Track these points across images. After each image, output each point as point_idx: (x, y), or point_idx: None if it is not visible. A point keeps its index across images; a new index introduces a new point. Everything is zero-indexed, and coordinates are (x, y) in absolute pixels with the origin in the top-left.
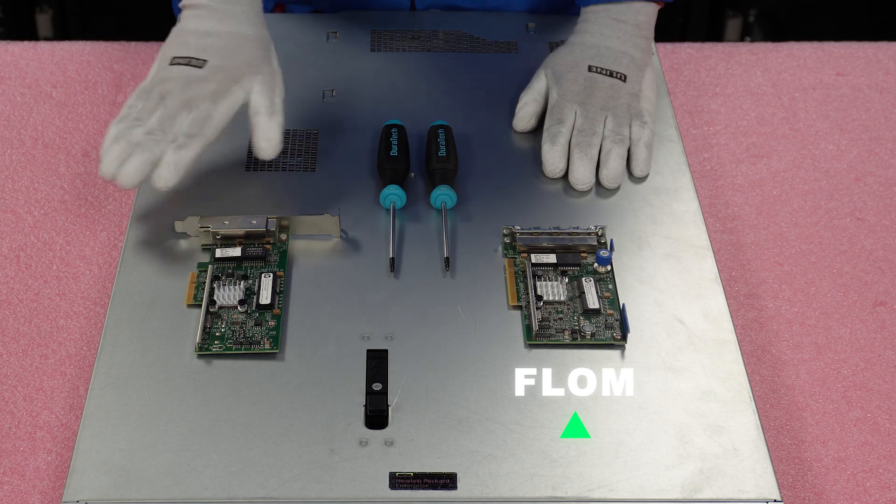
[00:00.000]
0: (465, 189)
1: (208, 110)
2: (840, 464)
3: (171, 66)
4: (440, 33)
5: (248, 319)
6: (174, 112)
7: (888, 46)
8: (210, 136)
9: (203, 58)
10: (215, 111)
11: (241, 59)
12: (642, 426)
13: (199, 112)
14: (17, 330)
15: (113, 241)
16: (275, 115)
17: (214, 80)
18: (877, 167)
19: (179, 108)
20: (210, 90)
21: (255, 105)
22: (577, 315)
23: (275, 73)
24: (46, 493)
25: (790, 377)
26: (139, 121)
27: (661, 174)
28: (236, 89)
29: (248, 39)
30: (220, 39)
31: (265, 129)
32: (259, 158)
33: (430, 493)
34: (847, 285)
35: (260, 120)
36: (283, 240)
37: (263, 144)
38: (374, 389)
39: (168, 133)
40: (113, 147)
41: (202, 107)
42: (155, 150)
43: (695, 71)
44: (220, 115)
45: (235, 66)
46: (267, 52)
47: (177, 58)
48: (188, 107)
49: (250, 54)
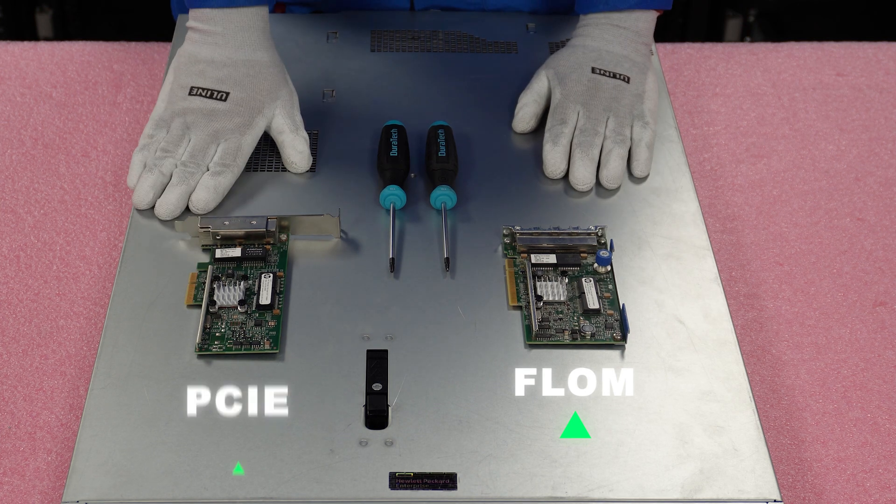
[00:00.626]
0: (465, 189)
1: (238, 142)
2: (840, 464)
3: (192, 97)
4: (440, 33)
5: (248, 320)
6: (204, 145)
7: (888, 46)
8: (241, 165)
9: (225, 90)
10: (244, 142)
11: (261, 88)
12: (642, 426)
13: (228, 144)
14: (17, 330)
15: (113, 241)
16: (299, 131)
17: (238, 114)
18: (877, 167)
19: (208, 141)
20: (236, 123)
21: (278, 126)
22: (577, 315)
23: (292, 94)
24: (46, 493)
25: (790, 377)
26: (167, 152)
27: (661, 174)
28: (259, 120)
29: (265, 67)
30: (238, 70)
31: (294, 143)
32: (293, 172)
33: (430, 493)
34: (847, 285)
35: (286, 138)
36: (283, 240)
37: (296, 158)
38: (374, 389)
39: (200, 165)
40: (147, 177)
41: (231, 139)
42: (191, 182)
43: (695, 71)
44: (247, 146)
45: (256, 97)
46: (283, 76)
47: (196, 88)
48: (216, 139)
49: (269, 82)
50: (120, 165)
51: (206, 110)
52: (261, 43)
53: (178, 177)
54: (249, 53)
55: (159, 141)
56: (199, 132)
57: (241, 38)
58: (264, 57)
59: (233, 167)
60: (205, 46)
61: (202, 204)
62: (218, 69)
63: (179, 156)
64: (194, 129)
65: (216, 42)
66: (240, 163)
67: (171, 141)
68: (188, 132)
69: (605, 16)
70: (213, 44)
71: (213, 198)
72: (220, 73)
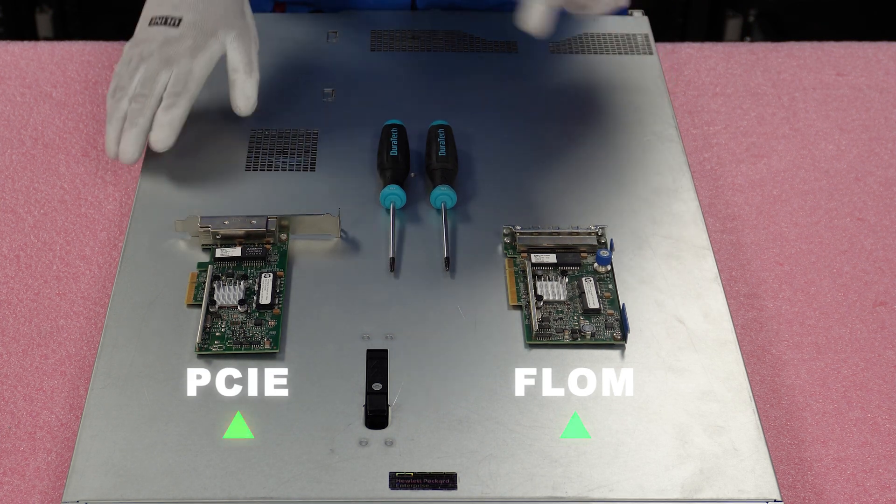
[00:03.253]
0: (465, 189)
1: (188, 66)
2: (840, 464)
3: (150, 27)
4: (440, 33)
5: (248, 319)
6: (154, 73)
7: (888, 46)
8: (194, 91)
9: (178, 15)
10: (195, 66)
11: (215, 12)
12: (642, 426)
13: (179, 69)
14: (17, 330)
15: (113, 241)
16: (252, 73)
17: (190, 36)
18: (877, 167)
19: (159, 67)
20: (187, 46)
21: (233, 62)
22: (577, 315)
23: (249, 28)
24: (46, 493)
25: (790, 377)
26: (123, 90)
27: (661, 174)
28: (213, 43)
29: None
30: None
31: (243, 87)
32: (238, 115)
33: (430, 493)
34: (847, 285)
35: (238, 77)
36: (283, 240)
37: (241, 103)
38: (374, 389)
39: (151, 95)
40: (110, 127)
41: (181, 63)
42: (141, 121)
43: (695, 71)
44: (199, 70)
45: (210, 20)
46: (240, 5)
47: (154, 17)
48: (168, 65)
49: (224, 7)
50: (120, 165)
51: (160, 39)
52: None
53: (129, 118)
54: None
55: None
56: (150, 61)
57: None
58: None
59: (184, 94)
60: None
61: (161, 143)
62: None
63: (132, 90)
64: (147, 58)
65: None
66: (192, 88)
67: (127, 75)
68: (142, 63)
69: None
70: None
71: (169, 134)
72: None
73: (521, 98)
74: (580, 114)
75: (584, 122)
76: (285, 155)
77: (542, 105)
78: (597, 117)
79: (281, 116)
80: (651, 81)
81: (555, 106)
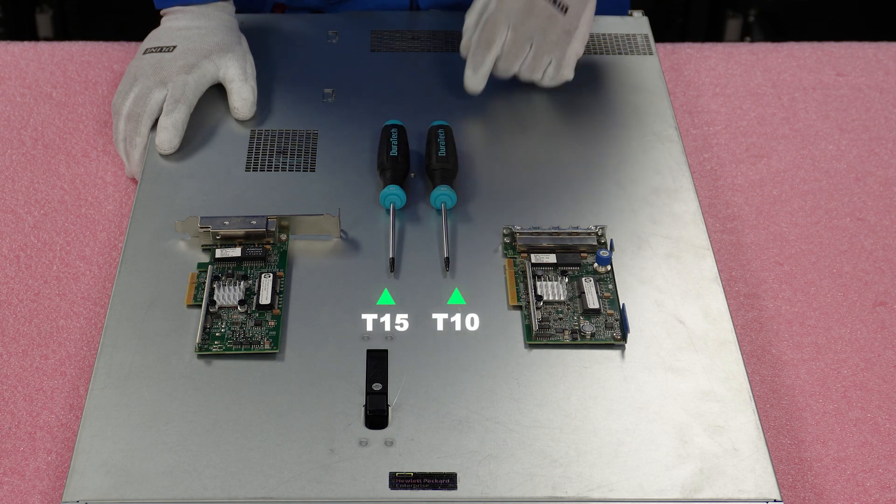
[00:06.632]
0: (465, 189)
1: (183, 80)
2: (840, 464)
3: (144, 56)
4: (440, 33)
5: (248, 319)
6: (147, 91)
7: (888, 46)
8: (192, 99)
9: (172, 44)
10: (189, 79)
11: (210, 41)
12: (642, 426)
13: (174, 83)
14: (17, 330)
15: (113, 241)
16: (248, 80)
17: (183, 58)
18: (877, 167)
19: (152, 86)
20: (180, 65)
21: (228, 76)
22: (577, 315)
23: (245, 53)
24: (46, 493)
25: (790, 377)
26: (118, 114)
27: (661, 174)
28: (206, 63)
29: (219, 28)
30: (192, 31)
31: (240, 91)
32: (237, 119)
33: (430, 493)
34: (847, 285)
35: (234, 85)
36: (283, 240)
37: (239, 104)
38: (374, 389)
39: (144, 112)
40: (118, 149)
41: (176, 79)
42: (138, 140)
43: (695, 71)
44: (194, 84)
45: (204, 46)
46: (237, 38)
47: (149, 48)
48: (162, 85)
49: (220, 38)
50: (120, 165)
51: (153, 63)
52: (222, 20)
53: (128, 139)
54: (207, 22)
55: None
56: (144, 80)
57: (205, 13)
58: (221, 24)
59: (183, 100)
60: (169, 21)
61: (166, 145)
62: (173, 32)
63: (126, 110)
64: (141, 78)
65: (179, 17)
66: (189, 96)
67: (119, 100)
68: (135, 85)
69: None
70: (176, 18)
71: (173, 136)
72: (174, 35)
73: (520, 98)
74: (580, 114)
75: (585, 122)
76: (285, 155)
77: (542, 105)
78: (597, 117)
79: (281, 117)
80: (651, 82)
81: (555, 106)
